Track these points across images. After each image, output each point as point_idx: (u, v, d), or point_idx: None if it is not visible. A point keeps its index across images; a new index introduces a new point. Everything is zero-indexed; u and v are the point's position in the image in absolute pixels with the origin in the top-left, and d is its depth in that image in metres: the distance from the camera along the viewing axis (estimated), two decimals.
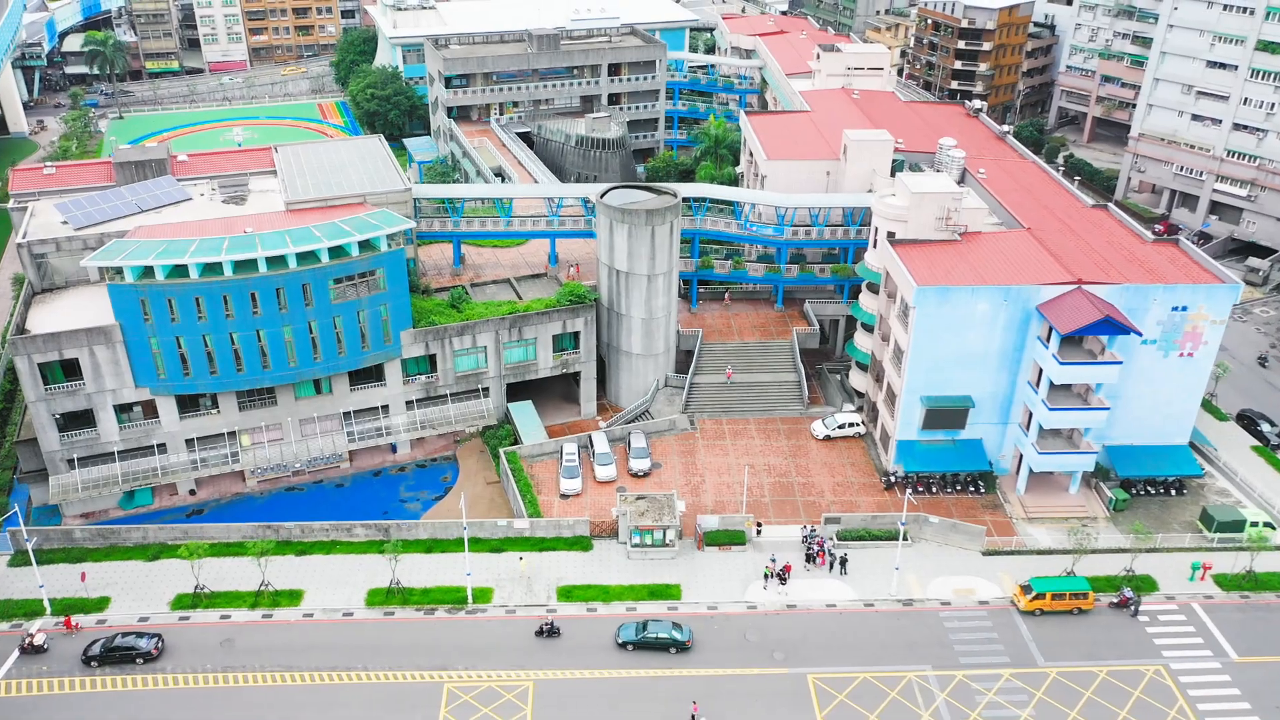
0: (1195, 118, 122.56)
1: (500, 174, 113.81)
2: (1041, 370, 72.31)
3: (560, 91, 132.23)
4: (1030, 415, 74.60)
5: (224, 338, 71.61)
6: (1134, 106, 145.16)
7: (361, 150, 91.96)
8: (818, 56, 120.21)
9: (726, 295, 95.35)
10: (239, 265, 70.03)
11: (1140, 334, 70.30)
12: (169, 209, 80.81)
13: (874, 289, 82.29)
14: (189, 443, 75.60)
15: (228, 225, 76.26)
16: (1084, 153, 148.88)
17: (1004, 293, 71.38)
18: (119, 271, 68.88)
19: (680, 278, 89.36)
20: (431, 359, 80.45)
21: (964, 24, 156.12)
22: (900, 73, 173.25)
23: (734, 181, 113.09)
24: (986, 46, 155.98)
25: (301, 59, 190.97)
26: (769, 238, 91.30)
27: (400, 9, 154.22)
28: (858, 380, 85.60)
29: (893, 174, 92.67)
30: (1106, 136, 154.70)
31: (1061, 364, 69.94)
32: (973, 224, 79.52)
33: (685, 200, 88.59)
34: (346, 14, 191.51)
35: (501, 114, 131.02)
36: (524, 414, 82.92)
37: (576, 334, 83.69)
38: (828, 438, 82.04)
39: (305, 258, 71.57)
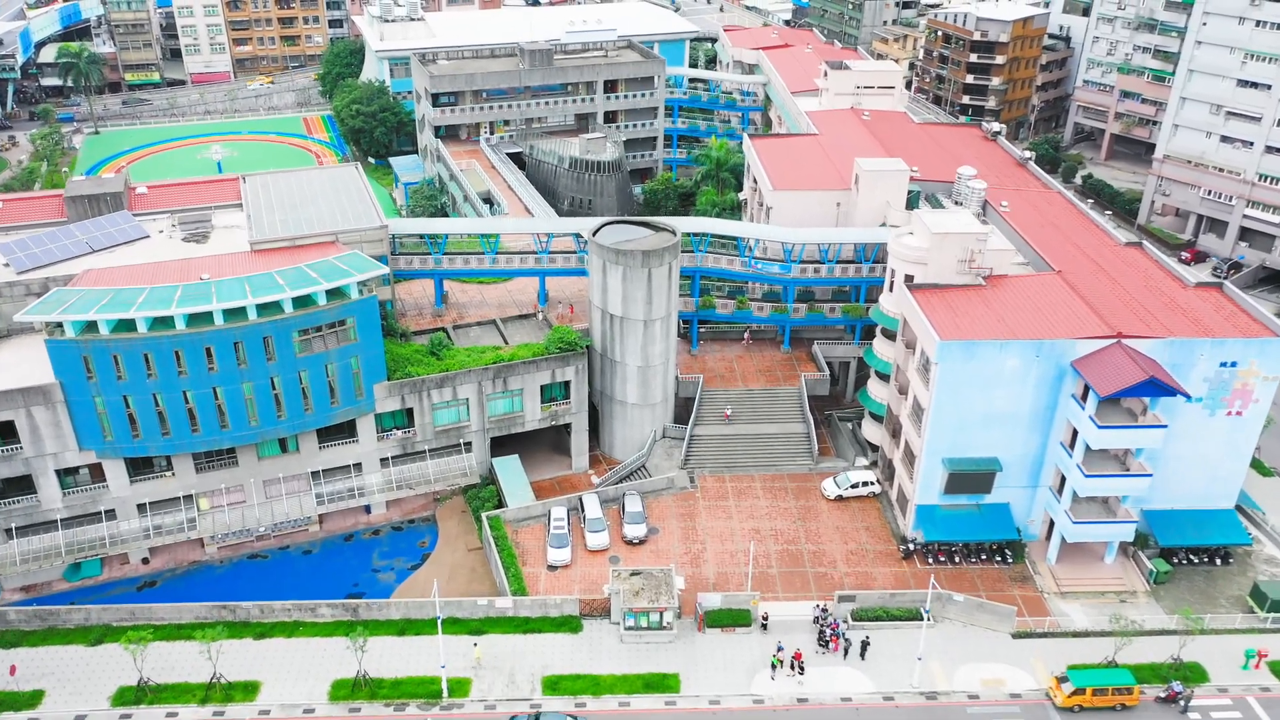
0: (1225, 139, 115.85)
1: (489, 199, 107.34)
2: (1076, 432, 65.76)
3: (553, 109, 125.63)
4: (1063, 479, 68.10)
5: (177, 396, 64.99)
6: (1155, 123, 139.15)
7: (335, 181, 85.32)
8: (825, 74, 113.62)
9: (746, 335, 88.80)
10: (193, 317, 63.44)
11: (1188, 396, 63.70)
12: (123, 248, 74.31)
13: (889, 335, 75.74)
14: (141, 508, 69.01)
15: (185, 269, 69.70)
16: (1102, 171, 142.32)
17: (1036, 348, 64.80)
18: (59, 325, 62.30)
19: (679, 318, 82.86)
20: (408, 413, 73.83)
21: (976, 36, 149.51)
22: (909, 85, 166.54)
23: (736, 208, 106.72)
24: (999, 60, 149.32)
25: (288, 69, 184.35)
26: (775, 275, 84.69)
27: (388, 21, 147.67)
28: (871, 432, 79.02)
29: (909, 206, 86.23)
30: (1125, 154, 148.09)
31: (1100, 428, 63.34)
32: (998, 266, 72.95)
33: (685, 235, 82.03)
34: (334, 24, 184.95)
35: (491, 133, 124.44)
36: (509, 471, 76.27)
37: (567, 383, 77.11)
38: (840, 498, 75.42)
39: (267, 308, 64.99)
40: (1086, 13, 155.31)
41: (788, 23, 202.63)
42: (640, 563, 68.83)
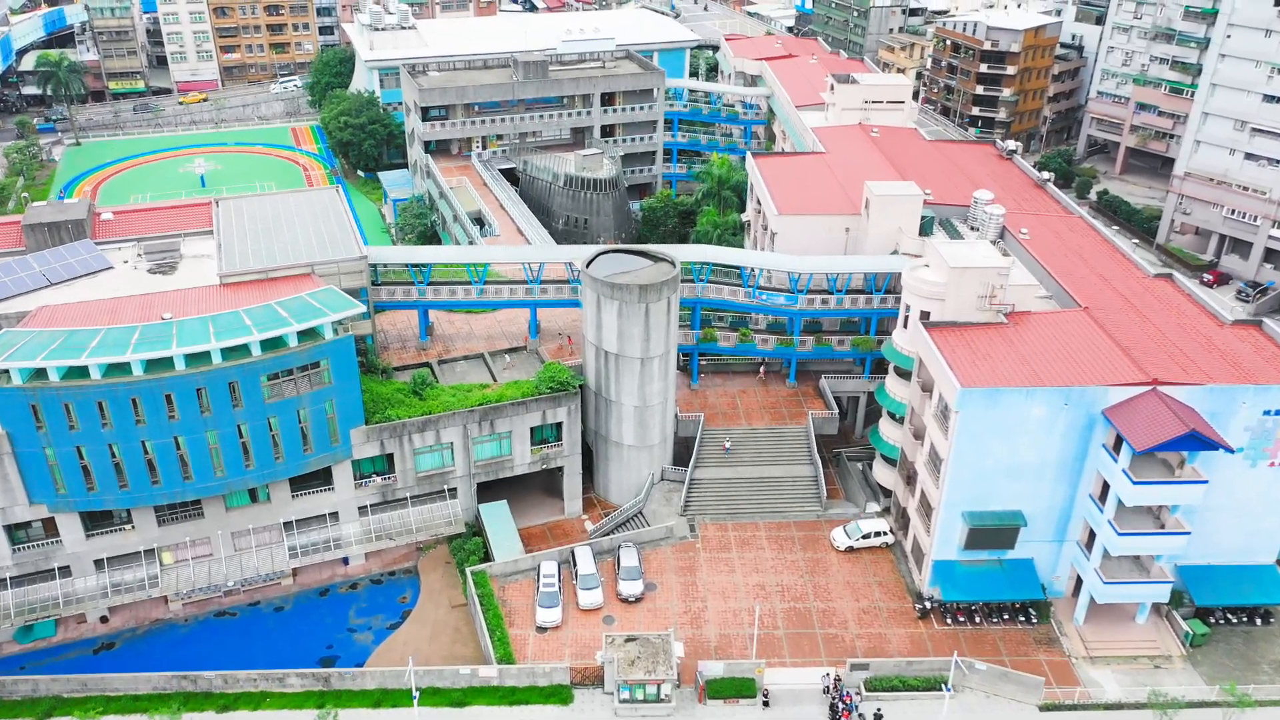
0: (1250, 157, 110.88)
1: (480, 220, 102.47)
2: (1107, 484, 60.85)
3: (548, 123, 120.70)
4: (1091, 533, 63.20)
5: (134, 446, 60.05)
6: (1172, 137, 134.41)
7: (314, 205, 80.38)
8: (831, 88, 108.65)
9: (762, 370, 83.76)
10: (152, 362, 58.48)
11: (1230, 449, 58.67)
12: (84, 281, 69.39)
13: (903, 373, 70.85)
14: (98, 564, 64.07)
15: (146, 306, 64.81)
16: (1117, 186, 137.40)
17: (1064, 395, 59.85)
18: (5, 372, 57.33)
19: (679, 351, 77.92)
20: (389, 458, 68.89)
21: (986, 46, 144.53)
22: (915, 95, 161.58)
23: (739, 229, 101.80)
24: (1010, 70, 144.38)
25: (276, 77, 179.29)
26: (781, 307, 79.75)
27: (378, 29, 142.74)
28: (883, 475, 74.14)
29: (922, 232, 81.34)
30: (1141, 168, 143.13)
31: (1135, 484, 58.41)
32: (1021, 302, 68.04)
33: (685, 264, 77.14)
34: (325, 30, 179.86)
35: (484, 148, 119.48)
36: (497, 520, 71.29)
37: (559, 424, 72.19)
38: (850, 549, 70.47)
39: (233, 351, 60.05)
40: (1099, 21, 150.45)
41: (791, 29, 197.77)
42: (636, 622, 63.98)
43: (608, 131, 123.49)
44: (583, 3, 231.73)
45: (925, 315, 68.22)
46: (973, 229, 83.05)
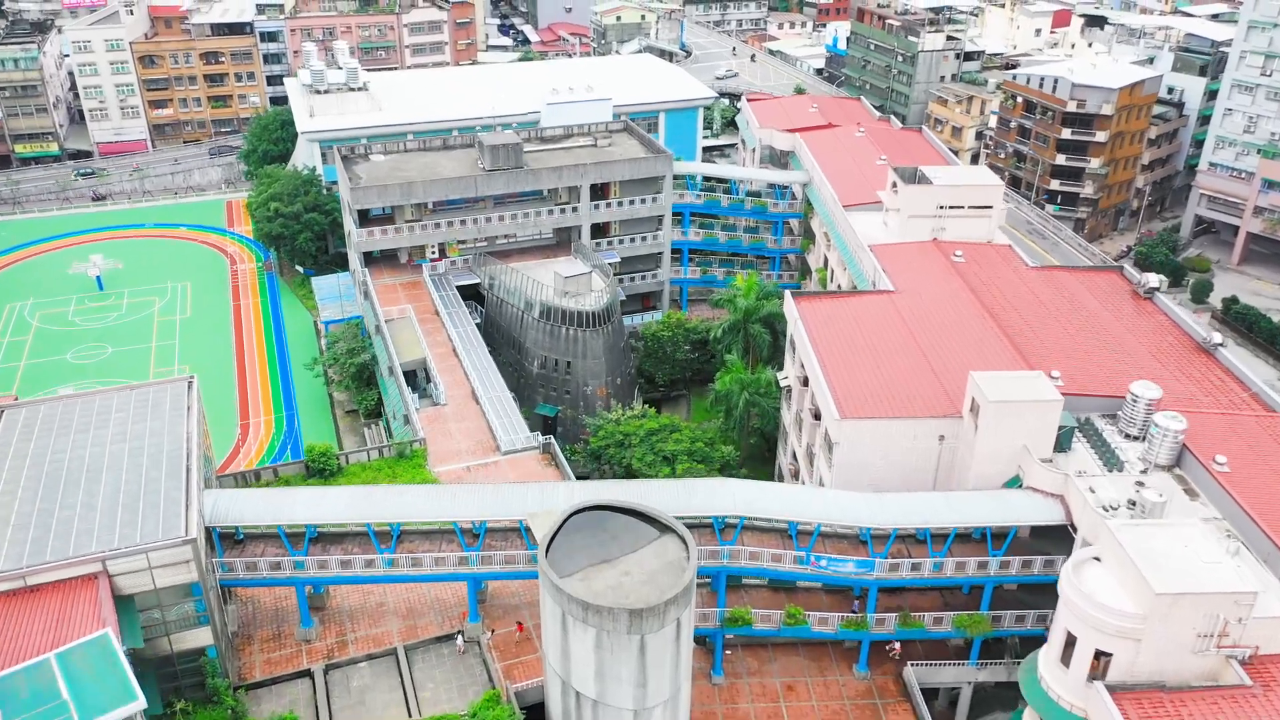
0: None
1: (425, 374, 75.76)
2: None
3: (524, 224, 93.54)
4: None
5: None
6: None
7: (150, 419, 53.28)
8: (894, 186, 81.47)
9: (896, 647, 56.10)
10: None
11: None
12: None
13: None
14: None
15: None
16: (1237, 282, 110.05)
17: None
18: None
19: (695, 633, 50.85)
20: None
21: (1071, 107, 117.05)
22: (975, 159, 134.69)
23: (772, 388, 74.85)
24: (1100, 137, 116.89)
25: (214, 136, 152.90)
26: (850, 576, 52.60)
27: (319, 91, 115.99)
28: None
29: (1058, 447, 54.25)
30: (1265, 255, 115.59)
31: None
32: (1269, 640, 40.76)
33: (708, 518, 50.36)
34: (274, 80, 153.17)
35: (441, 256, 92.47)
36: None
37: None
38: None
39: None
40: (1203, 72, 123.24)
41: (819, 72, 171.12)
42: None
43: (600, 230, 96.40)
44: (579, 35, 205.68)
45: (1103, 660, 41.10)
46: (1128, 437, 55.88)
